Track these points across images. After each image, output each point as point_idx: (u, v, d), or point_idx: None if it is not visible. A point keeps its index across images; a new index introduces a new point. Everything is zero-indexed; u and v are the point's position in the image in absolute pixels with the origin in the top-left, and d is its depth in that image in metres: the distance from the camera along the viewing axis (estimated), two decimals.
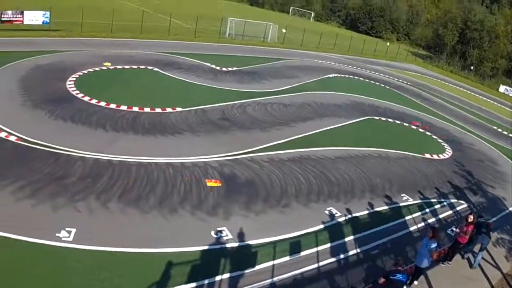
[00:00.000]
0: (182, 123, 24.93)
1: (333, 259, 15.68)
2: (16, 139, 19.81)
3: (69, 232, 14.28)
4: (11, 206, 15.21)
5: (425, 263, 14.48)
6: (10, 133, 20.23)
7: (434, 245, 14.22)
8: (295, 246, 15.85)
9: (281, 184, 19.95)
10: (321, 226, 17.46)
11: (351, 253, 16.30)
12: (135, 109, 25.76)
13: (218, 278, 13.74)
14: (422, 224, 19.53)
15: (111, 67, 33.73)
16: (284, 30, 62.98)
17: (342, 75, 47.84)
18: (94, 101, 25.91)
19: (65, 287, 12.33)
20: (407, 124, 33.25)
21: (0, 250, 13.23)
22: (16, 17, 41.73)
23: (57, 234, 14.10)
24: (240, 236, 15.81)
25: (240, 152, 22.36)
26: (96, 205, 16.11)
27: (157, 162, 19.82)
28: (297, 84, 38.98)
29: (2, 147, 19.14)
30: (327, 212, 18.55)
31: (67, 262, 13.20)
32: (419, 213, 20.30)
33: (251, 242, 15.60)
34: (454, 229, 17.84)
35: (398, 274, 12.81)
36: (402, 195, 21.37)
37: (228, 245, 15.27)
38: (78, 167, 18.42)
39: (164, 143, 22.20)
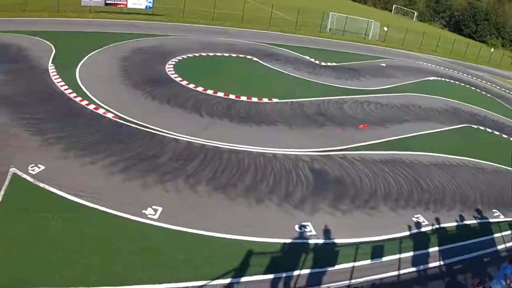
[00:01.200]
0: (277, 115, 24.40)
1: (414, 269, 14.53)
2: (113, 116, 20.13)
3: (155, 210, 14.31)
4: (103, 180, 15.48)
5: None
6: (107, 110, 20.62)
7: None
8: (377, 251, 14.89)
9: (370, 185, 18.93)
10: (407, 233, 16.30)
11: (432, 265, 15.00)
12: (232, 96, 25.55)
13: (296, 272, 13.12)
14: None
15: (211, 54, 33.70)
16: (385, 28, 61.21)
17: (442, 79, 45.40)
18: (191, 86, 26.01)
19: (145, 264, 12.30)
20: (506, 136, 30.98)
21: (87, 220, 13.51)
22: (120, 1, 42.88)
23: (143, 211, 14.17)
24: (324, 234, 15.09)
25: (332, 148, 21.50)
26: (185, 187, 16.00)
27: (250, 151, 19.43)
28: (396, 85, 37.38)
29: (99, 123, 19.54)
30: (414, 219, 17.25)
31: (149, 239, 13.24)
32: (509, 232, 18.70)
33: (333, 240, 14.86)
34: None
35: None
36: (494, 210, 19.57)
37: (311, 241, 14.60)
38: (171, 148, 18.45)
39: (257, 133, 21.77)
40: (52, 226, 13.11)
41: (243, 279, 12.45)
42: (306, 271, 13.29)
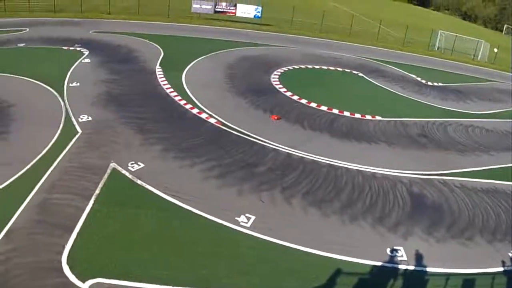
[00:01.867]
0: (379, 133, 23.67)
1: None
2: (215, 122, 20.38)
3: (248, 219, 14.31)
4: (200, 183, 15.75)
5: None
6: (211, 115, 20.91)
7: None
8: (468, 284, 13.91)
9: (469, 214, 17.63)
10: (501, 269, 14.96)
11: None
12: (335, 111, 25.15)
13: None
14: None
15: (317, 67, 33.51)
16: (495, 50, 58.42)
17: None
18: (295, 97, 25.94)
19: (230, 270, 12.33)
20: None
21: (181, 221, 13.81)
22: (229, 9, 43.87)
23: (236, 218, 14.23)
24: (415, 260, 14.34)
25: (432, 172, 20.46)
26: (280, 198, 15.88)
27: (348, 168, 18.96)
28: (503, 110, 35.53)
29: (202, 127, 19.94)
30: (511, 254, 16.01)
31: (239, 246, 13.26)
32: None
33: (424, 268, 14.09)
34: None
35: None
36: None
37: (401, 266, 13.94)
38: (270, 158, 18.41)
39: (358, 150, 21.21)
40: (146, 222, 13.50)
41: None
42: None
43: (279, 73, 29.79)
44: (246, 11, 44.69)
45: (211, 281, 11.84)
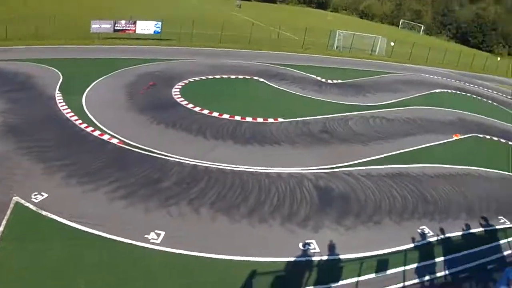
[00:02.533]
0: (282, 134, 24.40)
1: (417, 280, 14.36)
2: (118, 142, 20.31)
3: (158, 235, 14.34)
4: (105, 206, 15.60)
5: None
6: (112, 136, 20.81)
7: None
8: (382, 264, 14.73)
9: (375, 199, 18.82)
10: (412, 245, 16.15)
11: (439, 274, 14.85)
12: (237, 118, 25.65)
13: None
14: None
15: (218, 77, 34.04)
16: (392, 43, 61.07)
17: (449, 91, 44.96)
18: (197, 109, 26.18)
19: None
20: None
21: (90, 248, 13.57)
22: (129, 27, 43.57)
23: (146, 236, 14.20)
24: (328, 250, 15.01)
25: (337, 165, 21.42)
26: (188, 210, 16.05)
27: (253, 172, 19.43)
28: (403, 99, 37.17)
29: (104, 149, 19.76)
30: (419, 230, 17.12)
31: (151, 264, 13.27)
32: None
33: (338, 256, 14.79)
34: None
35: None
36: (500, 217, 19.33)
37: (315, 258, 14.53)
38: (175, 172, 18.50)
39: (262, 153, 21.78)
40: (52, 255, 13.17)
41: None
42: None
43: (180, 87, 29.95)
44: (146, 27, 44.46)
45: None
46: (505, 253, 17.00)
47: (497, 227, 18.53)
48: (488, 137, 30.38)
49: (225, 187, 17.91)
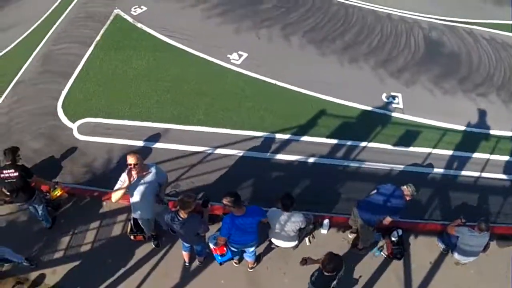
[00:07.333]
0: None
1: (506, 176, 12.14)
2: None
3: (240, 56, 14.64)
4: (198, 23, 15.95)
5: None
6: None
7: None
8: (465, 144, 12.78)
9: (489, 69, 15.77)
10: (509, 133, 13.42)
11: None
12: None
13: (363, 143, 12.40)
14: None
15: None
16: None
17: None
18: None
19: (210, 107, 13.09)
20: None
21: (171, 60, 14.51)
22: None
23: (228, 55, 14.59)
24: (412, 110, 13.54)
25: (460, 19, 18.03)
26: (279, 35, 15.82)
27: (361, 7, 17.85)
28: None
29: None
30: None
31: (226, 82, 13.84)
32: None
33: (420, 120, 13.28)
34: None
35: None
36: None
37: (394, 114, 13.33)
38: None
39: None
40: (137, 64, 14.30)
41: (303, 138, 12.43)
42: (373, 144, 12.47)
43: None
44: None
45: (190, 117, 12.70)
46: None
47: None
48: None
49: (325, 18, 17.01)
